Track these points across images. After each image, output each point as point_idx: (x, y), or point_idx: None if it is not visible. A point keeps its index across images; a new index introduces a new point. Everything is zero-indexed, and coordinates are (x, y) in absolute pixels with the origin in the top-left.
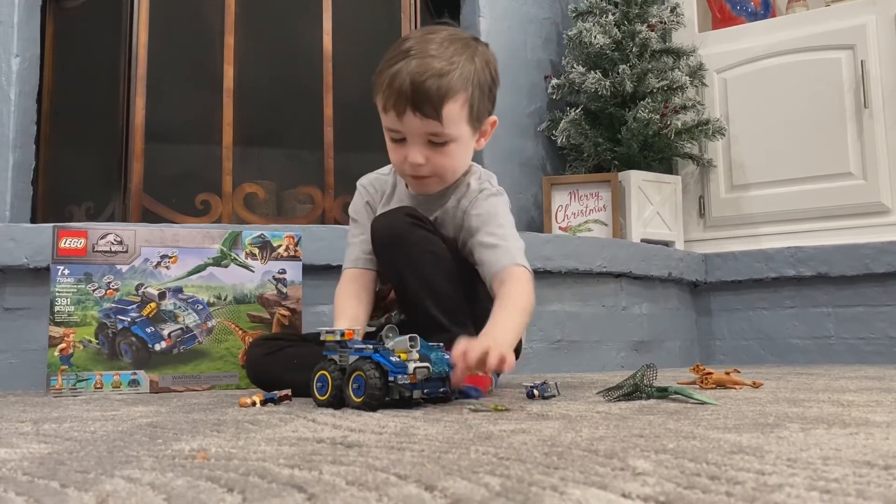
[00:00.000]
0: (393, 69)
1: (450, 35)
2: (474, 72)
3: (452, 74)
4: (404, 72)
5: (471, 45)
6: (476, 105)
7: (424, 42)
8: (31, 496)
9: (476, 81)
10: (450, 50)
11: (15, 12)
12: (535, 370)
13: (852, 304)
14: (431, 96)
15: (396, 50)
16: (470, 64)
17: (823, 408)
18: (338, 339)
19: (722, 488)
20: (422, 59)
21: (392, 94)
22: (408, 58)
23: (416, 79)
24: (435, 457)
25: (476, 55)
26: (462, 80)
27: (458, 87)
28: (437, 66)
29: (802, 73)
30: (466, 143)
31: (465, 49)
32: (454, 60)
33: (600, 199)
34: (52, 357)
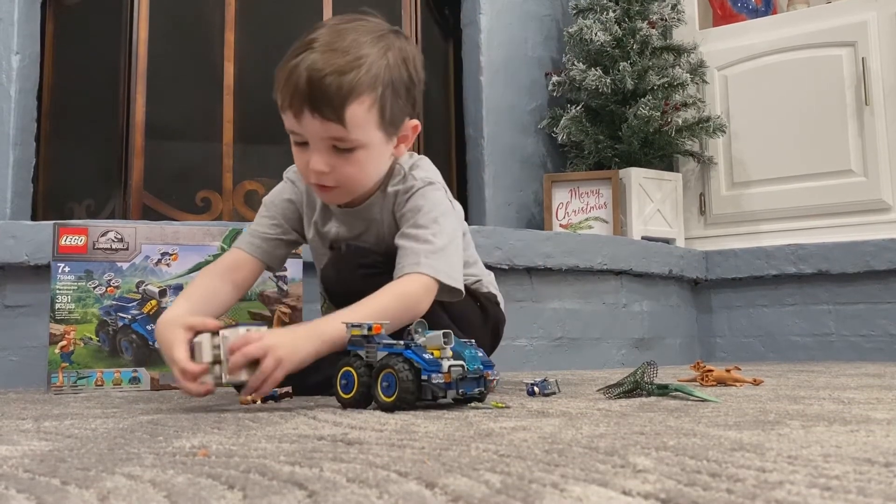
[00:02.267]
0: (292, 62)
1: (364, 26)
2: (386, 68)
3: (358, 72)
4: (302, 66)
5: (386, 37)
6: (388, 107)
7: (333, 34)
8: (32, 493)
9: (387, 80)
10: (359, 43)
11: (15, 9)
12: (536, 367)
13: (853, 301)
14: (331, 96)
15: (301, 41)
16: (381, 59)
17: (824, 405)
18: (364, 334)
19: (723, 485)
20: (324, 53)
21: (288, 91)
22: (309, 50)
23: (314, 75)
24: (435, 454)
25: (390, 50)
26: (369, 79)
27: (363, 86)
28: (340, 62)
29: (803, 71)
30: (379, 150)
31: (377, 42)
32: (362, 55)
33: (601, 197)
34: (52, 354)
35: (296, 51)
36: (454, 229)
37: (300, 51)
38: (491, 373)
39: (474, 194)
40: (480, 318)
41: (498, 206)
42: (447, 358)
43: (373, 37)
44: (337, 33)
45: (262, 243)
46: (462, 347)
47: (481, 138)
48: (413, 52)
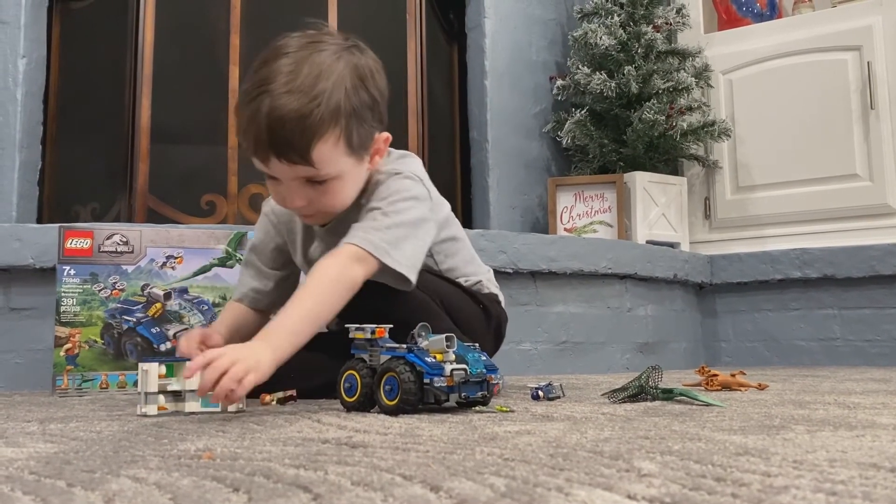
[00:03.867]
0: (248, 109)
1: (318, 52)
2: (345, 98)
3: (316, 113)
4: (261, 114)
5: (341, 59)
6: (354, 134)
7: (287, 68)
8: (37, 495)
9: (349, 109)
10: (315, 75)
11: (22, 13)
12: (540, 371)
13: (858, 305)
14: (294, 142)
15: (252, 80)
16: (339, 89)
17: (829, 410)
18: (368, 337)
19: (728, 490)
20: (280, 96)
21: (251, 139)
22: (262, 94)
23: (273, 124)
24: (440, 457)
25: (346, 76)
26: (330, 115)
27: (326, 124)
28: (296, 106)
29: (809, 75)
30: (352, 174)
31: (332, 70)
32: (319, 92)
33: (605, 201)
34: (57, 357)
35: (251, 92)
36: (416, 216)
37: (256, 92)
38: (494, 377)
39: (479, 198)
40: (483, 321)
41: (502, 209)
42: (450, 361)
43: (327, 64)
44: (291, 67)
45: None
46: (465, 351)
47: (486, 142)
48: (372, 66)
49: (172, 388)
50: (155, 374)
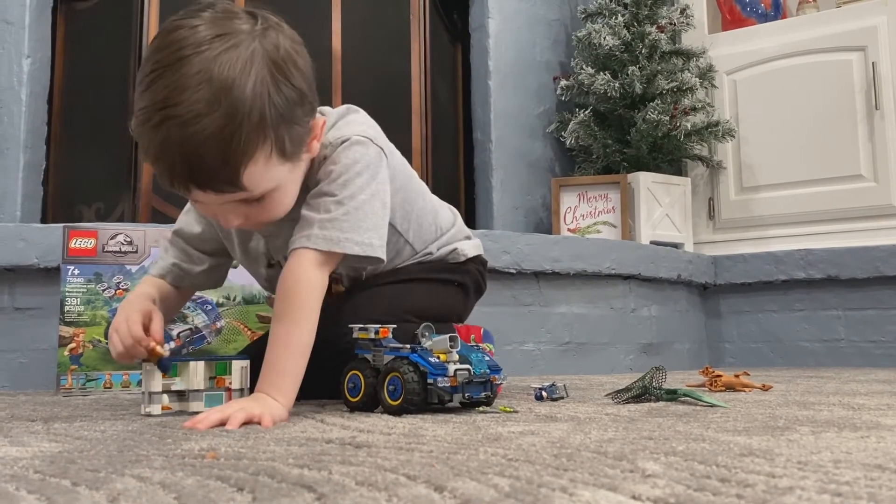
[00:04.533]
0: (154, 135)
1: (219, 49)
2: (269, 106)
3: (239, 135)
4: (170, 144)
5: (253, 55)
6: (286, 141)
7: (184, 81)
8: (42, 494)
9: (275, 117)
10: (225, 87)
11: (26, 13)
12: (543, 372)
13: (863, 306)
14: (218, 174)
15: (150, 93)
16: (260, 99)
17: (834, 411)
18: (371, 337)
19: (732, 491)
20: (188, 123)
21: (164, 170)
22: (168, 119)
23: (189, 157)
24: (444, 458)
25: (264, 75)
26: (256, 132)
27: (252, 144)
28: (213, 131)
29: (813, 75)
30: (291, 178)
31: (245, 74)
32: (235, 107)
33: (609, 201)
34: (62, 357)
35: (152, 114)
36: (373, 189)
37: (160, 116)
38: (498, 377)
39: (482, 198)
40: (462, 300)
41: (506, 210)
42: (453, 362)
43: (241, 66)
44: (198, 78)
45: (187, 277)
46: (469, 351)
47: (489, 142)
48: (289, 48)
49: (176, 388)
50: (159, 374)
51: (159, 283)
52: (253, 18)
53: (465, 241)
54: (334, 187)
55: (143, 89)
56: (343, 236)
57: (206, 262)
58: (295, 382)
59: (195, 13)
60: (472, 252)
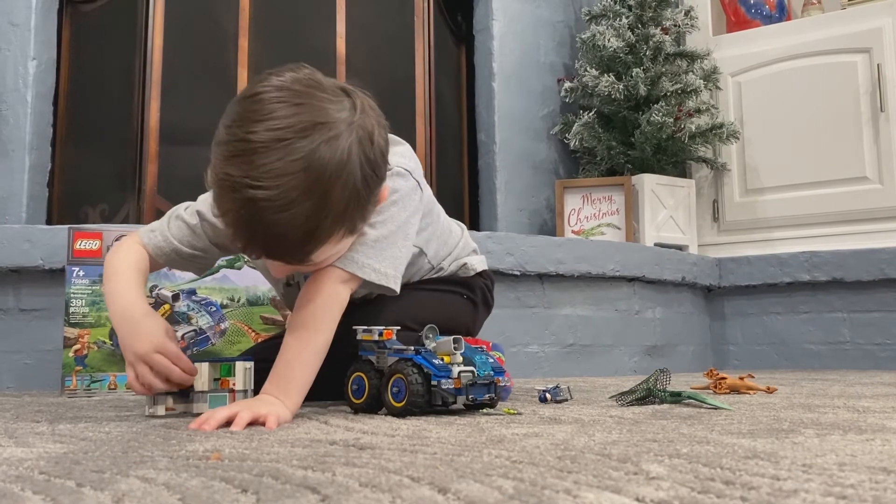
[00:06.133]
0: (238, 207)
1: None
2: (353, 198)
3: (324, 226)
4: (254, 221)
5: (350, 138)
6: (356, 220)
7: (285, 161)
8: (47, 495)
9: (356, 207)
10: (323, 178)
11: (32, 15)
12: (548, 374)
13: (868, 309)
14: (295, 253)
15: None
16: (347, 188)
17: (839, 413)
18: (375, 339)
19: (737, 493)
20: (280, 208)
21: (239, 236)
22: (257, 200)
23: (272, 239)
24: (448, 459)
25: (356, 161)
26: (337, 221)
27: (332, 231)
28: (301, 219)
29: (818, 77)
30: (348, 243)
31: (343, 162)
32: (327, 199)
33: (613, 203)
34: (66, 358)
35: (236, 181)
36: (404, 217)
37: (248, 192)
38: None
39: (486, 200)
40: (472, 313)
41: (510, 211)
42: (457, 364)
43: (338, 152)
44: (290, 160)
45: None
46: (473, 353)
47: (493, 144)
48: (375, 128)
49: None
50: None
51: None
52: (348, 98)
53: (472, 256)
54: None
55: (233, 156)
56: (366, 262)
57: (210, 253)
58: (303, 390)
59: (286, 82)
60: (479, 266)
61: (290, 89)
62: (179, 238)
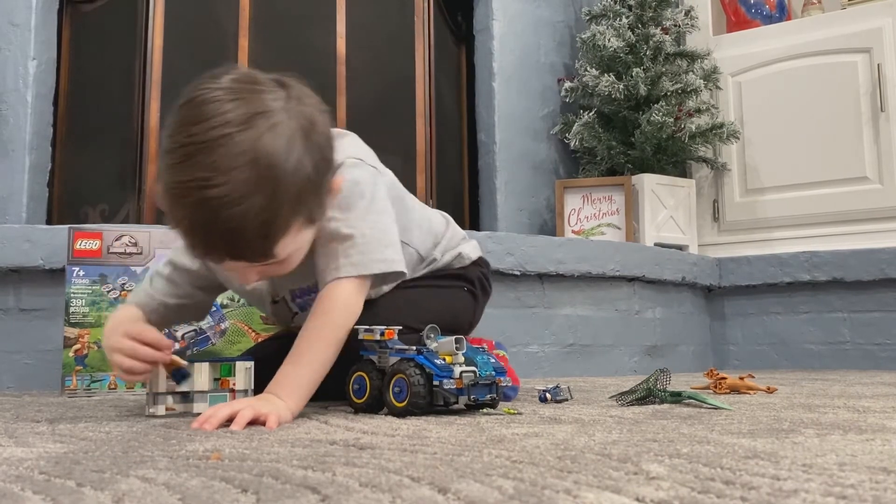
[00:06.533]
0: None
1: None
2: (307, 182)
3: (280, 214)
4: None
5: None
6: (316, 209)
7: (229, 156)
8: (47, 495)
9: (310, 191)
10: (270, 165)
11: (32, 16)
12: (548, 374)
13: (868, 309)
14: (256, 247)
15: (185, 170)
16: (298, 174)
17: (839, 413)
18: (377, 339)
19: (737, 493)
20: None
21: (197, 244)
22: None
23: (230, 236)
24: (448, 459)
25: (303, 150)
26: (293, 208)
27: (290, 220)
28: (255, 211)
29: (818, 77)
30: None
31: (288, 150)
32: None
33: (613, 203)
34: (66, 358)
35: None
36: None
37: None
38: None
39: (486, 200)
40: (473, 306)
41: (510, 211)
42: (459, 364)
43: (282, 141)
44: (234, 154)
45: (165, 314)
46: (474, 353)
47: (493, 144)
48: (318, 117)
49: (181, 389)
50: (163, 375)
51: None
52: (281, 88)
53: (465, 244)
54: (341, 213)
55: (178, 162)
56: (367, 258)
57: (196, 298)
58: (307, 395)
59: (221, 82)
60: (474, 254)
61: (224, 88)
62: (163, 292)
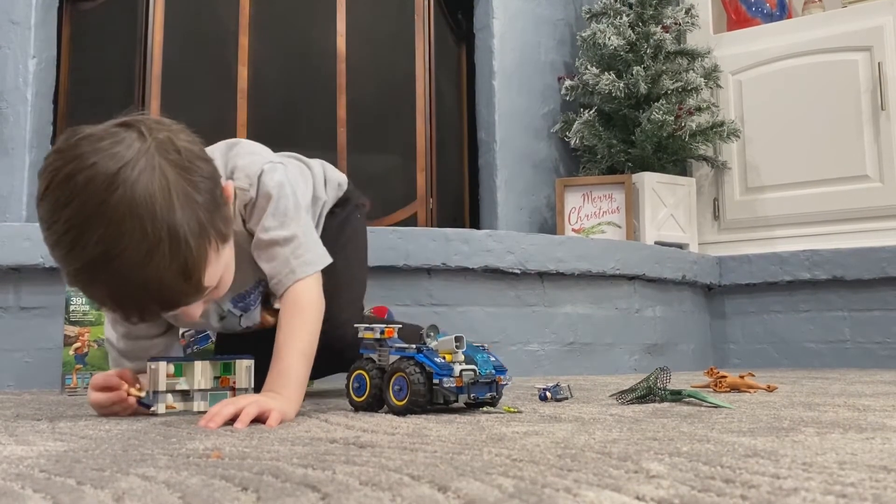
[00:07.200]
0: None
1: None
2: (198, 209)
3: (192, 257)
4: (132, 292)
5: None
6: (222, 229)
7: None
8: (48, 493)
9: (207, 217)
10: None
11: (32, 14)
12: (548, 372)
13: (868, 307)
14: (185, 292)
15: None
16: (189, 208)
17: (839, 412)
18: (377, 337)
19: (737, 491)
20: (139, 265)
21: (131, 311)
22: (119, 272)
23: (155, 294)
24: (448, 458)
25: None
26: (201, 244)
27: (201, 254)
28: (168, 259)
29: (818, 75)
30: (231, 250)
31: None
32: (173, 226)
33: (614, 201)
34: (67, 356)
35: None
36: (300, 203)
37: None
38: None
39: (486, 198)
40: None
41: (510, 210)
42: (459, 362)
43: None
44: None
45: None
46: (474, 352)
47: (494, 143)
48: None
49: (181, 388)
50: (163, 373)
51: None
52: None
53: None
54: (275, 219)
55: (69, 250)
56: (314, 255)
57: (161, 342)
58: (302, 387)
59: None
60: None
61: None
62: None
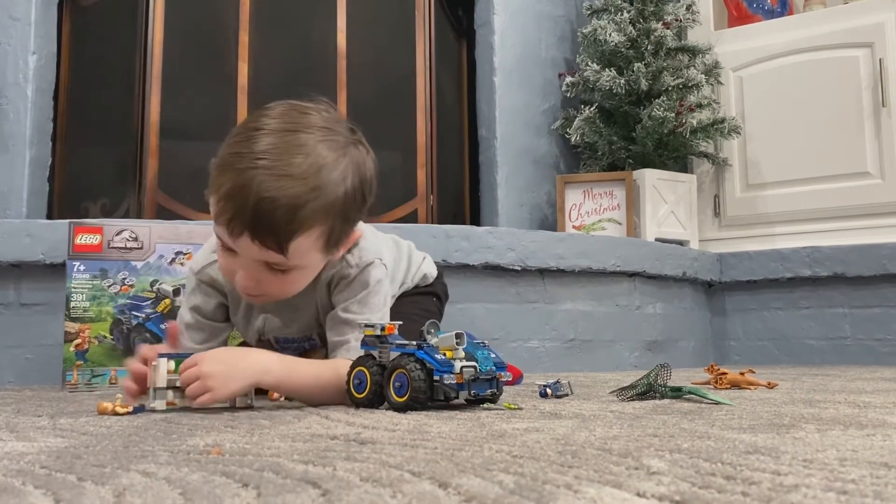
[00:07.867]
0: (237, 177)
1: (325, 137)
2: (343, 197)
3: (311, 206)
4: (250, 189)
5: (348, 153)
6: (335, 234)
7: (286, 147)
8: (48, 489)
9: (341, 209)
10: (319, 165)
11: (32, 10)
12: (548, 369)
13: (869, 304)
14: (278, 229)
15: (248, 145)
16: (339, 187)
17: (840, 409)
18: (377, 334)
19: (738, 488)
20: (277, 177)
21: (229, 209)
22: (259, 169)
23: (262, 205)
24: (448, 454)
25: (349, 172)
26: (323, 212)
27: (316, 220)
28: (295, 191)
29: (820, 72)
30: (315, 267)
31: (338, 162)
32: (321, 184)
33: (614, 198)
34: (67, 352)
35: (245, 159)
36: (384, 304)
37: (251, 163)
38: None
39: (487, 195)
40: (438, 307)
41: (511, 207)
42: (459, 359)
43: (334, 155)
44: (298, 150)
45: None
46: (475, 348)
47: (494, 139)
48: (371, 166)
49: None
50: (164, 370)
51: None
52: (350, 130)
53: (425, 264)
54: (359, 306)
55: (243, 139)
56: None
57: (226, 331)
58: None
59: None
60: (433, 271)
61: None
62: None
